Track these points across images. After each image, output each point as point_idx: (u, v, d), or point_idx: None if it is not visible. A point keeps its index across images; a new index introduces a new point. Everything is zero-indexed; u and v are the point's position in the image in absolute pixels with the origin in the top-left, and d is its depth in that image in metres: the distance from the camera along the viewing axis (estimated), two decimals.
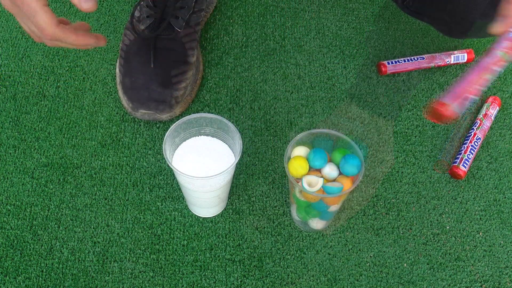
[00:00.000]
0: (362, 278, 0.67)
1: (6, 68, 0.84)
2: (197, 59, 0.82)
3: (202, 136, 0.65)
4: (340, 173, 0.61)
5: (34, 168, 0.74)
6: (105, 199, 0.72)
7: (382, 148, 0.78)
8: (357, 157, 0.60)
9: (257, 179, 0.75)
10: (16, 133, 0.77)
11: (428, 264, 0.69)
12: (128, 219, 0.71)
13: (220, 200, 0.67)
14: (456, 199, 0.74)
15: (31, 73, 0.84)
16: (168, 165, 0.75)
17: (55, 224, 0.70)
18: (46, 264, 0.67)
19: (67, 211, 0.71)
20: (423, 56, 0.86)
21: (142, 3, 0.81)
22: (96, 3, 0.53)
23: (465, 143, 0.77)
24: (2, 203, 0.71)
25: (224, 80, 0.84)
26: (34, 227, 0.69)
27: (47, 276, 0.66)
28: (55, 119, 0.79)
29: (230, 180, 0.65)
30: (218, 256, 0.68)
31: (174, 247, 0.69)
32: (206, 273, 0.67)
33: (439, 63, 0.86)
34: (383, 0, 0.96)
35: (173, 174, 0.75)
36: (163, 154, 0.68)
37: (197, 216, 0.71)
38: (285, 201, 0.73)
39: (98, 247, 0.68)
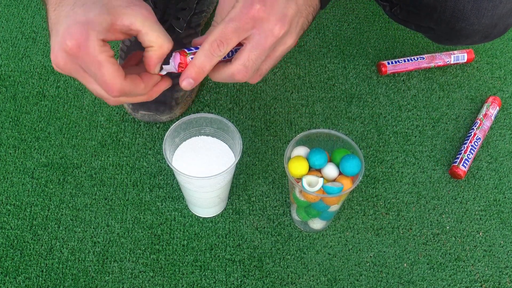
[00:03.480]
0: (362, 278, 0.67)
1: (6, 68, 0.84)
2: None
3: (202, 136, 0.65)
4: (340, 173, 0.61)
5: (34, 168, 0.74)
6: (105, 199, 0.72)
7: (382, 148, 0.78)
8: (357, 157, 0.60)
9: (257, 179, 0.75)
10: (16, 133, 0.77)
11: (428, 264, 0.69)
12: (128, 219, 0.71)
13: (220, 200, 0.67)
14: (456, 199, 0.74)
15: (31, 73, 0.84)
16: (168, 165, 0.75)
17: (55, 224, 0.70)
18: (46, 264, 0.67)
19: (67, 211, 0.71)
20: (423, 56, 0.86)
21: None
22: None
23: (465, 143, 0.77)
24: (2, 203, 0.71)
25: None
26: (34, 227, 0.69)
27: (47, 276, 0.66)
28: (55, 119, 0.79)
29: (230, 180, 0.65)
30: (218, 256, 0.68)
31: (174, 247, 0.69)
32: (206, 273, 0.67)
33: (439, 63, 0.86)
34: None
35: (173, 174, 0.75)
36: (163, 154, 0.68)
37: (197, 216, 0.71)
38: (285, 201, 0.73)
39: (98, 247, 0.68)
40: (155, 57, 0.49)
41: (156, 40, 0.48)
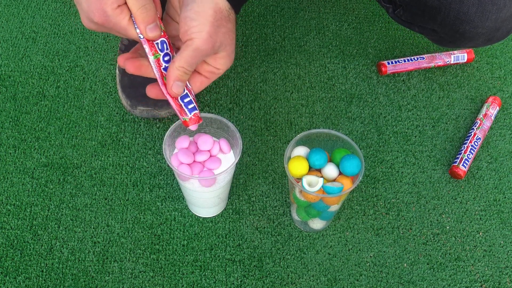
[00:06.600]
0: (362, 278, 0.67)
1: (6, 68, 0.84)
2: None
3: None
4: (340, 173, 0.61)
5: (34, 168, 0.74)
6: (105, 199, 0.72)
7: (382, 148, 0.78)
8: (357, 157, 0.60)
9: (257, 179, 0.75)
10: (16, 133, 0.77)
11: (428, 264, 0.69)
12: (128, 219, 0.71)
13: (220, 200, 0.67)
14: (456, 199, 0.74)
15: (31, 73, 0.84)
16: (168, 165, 0.75)
17: (55, 224, 0.70)
18: (46, 264, 0.67)
19: (67, 211, 0.71)
20: (423, 56, 0.86)
21: None
22: (160, 30, 0.51)
23: (465, 143, 0.77)
24: (2, 203, 0.71)
25: (224, 80, 0.84)
26: (34, 227, 0.69)
27: (47, 276, 0.66)
28: (55, 119, 0.79)
29: (230, 180, 0.65)
30: (218, 256, 0.68)
31: (174, 247, 0.69)
32: (206, 273, 0.67)
33: (439, 63, 0.86)
34: None
35: (173, 174, 0.75)
36: (163, 154, 0.68)
37: (197, 216, 0.71)
38: (285, 201, 0.73)
39: (98, 247, 0.68)
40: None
41: None
